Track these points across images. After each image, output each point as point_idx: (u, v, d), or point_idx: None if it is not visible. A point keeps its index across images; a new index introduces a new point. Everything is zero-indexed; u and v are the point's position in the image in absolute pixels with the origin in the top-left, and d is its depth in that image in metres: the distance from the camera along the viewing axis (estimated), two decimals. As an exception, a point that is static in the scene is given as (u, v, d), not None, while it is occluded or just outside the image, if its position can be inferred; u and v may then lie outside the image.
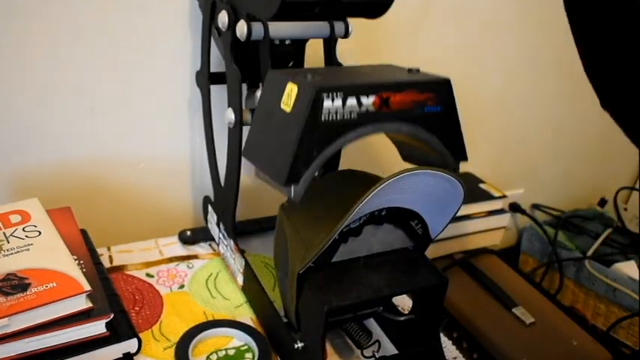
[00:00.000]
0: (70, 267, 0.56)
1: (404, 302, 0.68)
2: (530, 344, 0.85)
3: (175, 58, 0.76)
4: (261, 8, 0.57)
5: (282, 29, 0.61)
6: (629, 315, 1.02)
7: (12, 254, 0.56)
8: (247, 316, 0.67)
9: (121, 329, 0.57)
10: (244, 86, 0.67)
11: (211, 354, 0.61)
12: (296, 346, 0.56)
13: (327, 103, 0.47)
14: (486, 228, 1.06)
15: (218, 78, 0.70)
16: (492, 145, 1.16)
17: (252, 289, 0.68)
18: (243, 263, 0.69)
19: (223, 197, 0.72)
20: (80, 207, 0.71)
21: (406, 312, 0.63)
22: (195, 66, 0.76)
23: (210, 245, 0.80)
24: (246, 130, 0.64)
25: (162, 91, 0.77)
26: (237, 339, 0.64)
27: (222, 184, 0.71)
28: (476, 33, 1.00)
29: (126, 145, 0.78)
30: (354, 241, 0.54)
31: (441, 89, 0.52)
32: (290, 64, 0.72)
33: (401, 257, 0.57)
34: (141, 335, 0.59)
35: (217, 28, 0.65)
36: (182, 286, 0.71)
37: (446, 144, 0.54)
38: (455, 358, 0.68)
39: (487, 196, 1.05)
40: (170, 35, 0.74)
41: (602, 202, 1.37)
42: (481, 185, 1.09)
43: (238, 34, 0.60)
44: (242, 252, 0.69)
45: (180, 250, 0.78)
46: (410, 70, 0.55)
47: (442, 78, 0.53)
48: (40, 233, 0.60)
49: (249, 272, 0.68)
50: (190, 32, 0.75)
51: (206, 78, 0.71)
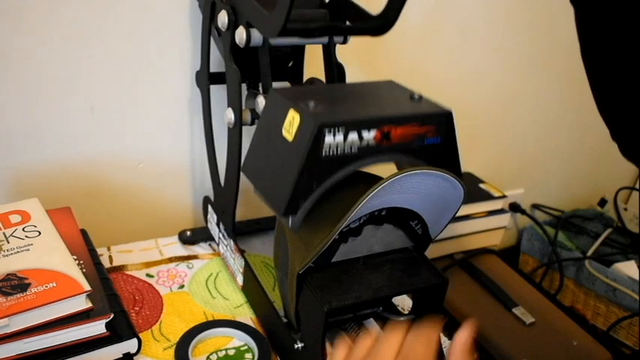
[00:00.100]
0: (70, 267, 0.56)
1: (404, 302, 0.68)
2: (530, 344, 0.85)
3: (175, 58, 0.76)
4: (261, 26, 0.58)
5: (281, 38, 0.61)
6: (629, 315, 1.02)
7: (12, 254, 0.56)
8: (247, 316, 0.67)
9: (121, 329, 0.57)
10: (244, 86, 0.67)
11: (211, 354, 0.61)
12: (296, 346, 0.56)
13: (329, 139, 0.47)
14: (486, 228, 1.06)
15: (218, 78, 0.70)
16: (492, 145, 1.16)
17: (252, 289, 0.68)
18: (243, 263, 0.69)
19: (223, 197, 0.72)
20: (80, 207, 0.71)
21: (406, 312, 0.63)
22: (195, 66, 0.76)
23: (210, 245, 0.80)
24: (246, 130, 0.65)
25: (162, 91, 0.77)
26: (237, 339, 0.64)
27: (222, 184, 0.71)
28: (477, 32, 1.00)
29: (126, 145, 0.78)
30: (354, 241, 0.54)
31: (442, 121, 0.51)
32: (290, 64, 0.72)
33: (401, 257, 0.57)
34: (141, 335, 0.59)
35: (217, 28, 0.65)
36: (182, 286, 0.71)
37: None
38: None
39: (487, 196, 1.05)
40: (170, 35, 0.74)
41: (602, 202, 1.37)
42: (481, 185, 1.09)
43: (237, 41, 0.60)
44: (242, 252, 0.69)
45: (180, 250, 0.78)
46: (412, 97, 0.54)
47: (444, 110, 0.52)
48: (40, 233, 0.60)
49: (249, 272, 0.68)
50: (190, 32, 0.75)
51: (206, 78, 0.71)
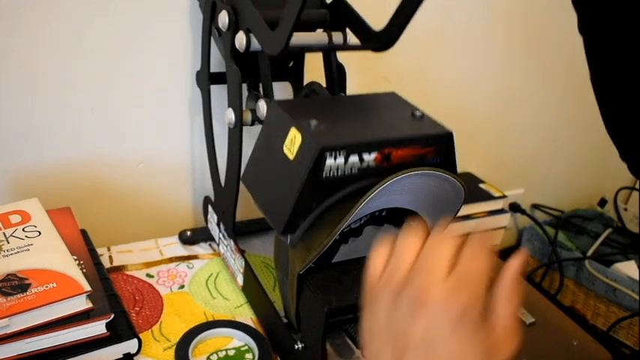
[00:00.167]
0: (70, 267, 0.56)
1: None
2: (530, 344, 0.85)
3: (175, 58, 0.76)
4: (262, 42, 0.58)
5: None
6: (629, 315, 1.02)
7: (12, 254, 0.56)
8: (247, 317, 0.67)
9: (121, 329, 0.57)
10: (244, 86, 0.67)
11: (211, 354, 0.61)
12: (296, 347, 0.56)
13: (330, 161, 0.47)
14: (486, 228, 1.06)
15: (218, 78, 0.70)
16: (492, 145, 1.16)
17: (252, 290, 0.68)
18: (243, 263, 0.69)
19: (223, 197, 0.72)
20: (80, 207, 0.71)
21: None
22: (195, 66, 0.76)
23: (210, 245, 0.80)
24: (246, 130, 0.65)
25: (162, 91, 0.77)
26: (237, 339, 0.64)
27: (222, 184, 0.71)
28: (478, 33, 1.00)
29: (126, 146, 0.78)
30: (355, 242, 0.54)
31: (443, 142, 0.52)
32: (290, 64, 0.72)
33: (401, 258, 0.57)
34: (141, 336, 0.59)
35: (217, 29, 0.65)
36: (182, 287, 0.71)
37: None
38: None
39: (487, 196, 1.05)
40: (170, 35, 0.74)
41: (602, 202, 1.37)
42: (481, 185, 1.08)
43: (237, 46, 0.60)
44: (242, 252, 0.69)
45: (180, 251, 0.78)
46: (414, 115, 0.54)
47: (444, 131, 0.52)
48: (40, 233, 0.60)
49: (249, 272, 0.68)
50: (190, 32, 0.75)
51: (206, 78, 0.71)
